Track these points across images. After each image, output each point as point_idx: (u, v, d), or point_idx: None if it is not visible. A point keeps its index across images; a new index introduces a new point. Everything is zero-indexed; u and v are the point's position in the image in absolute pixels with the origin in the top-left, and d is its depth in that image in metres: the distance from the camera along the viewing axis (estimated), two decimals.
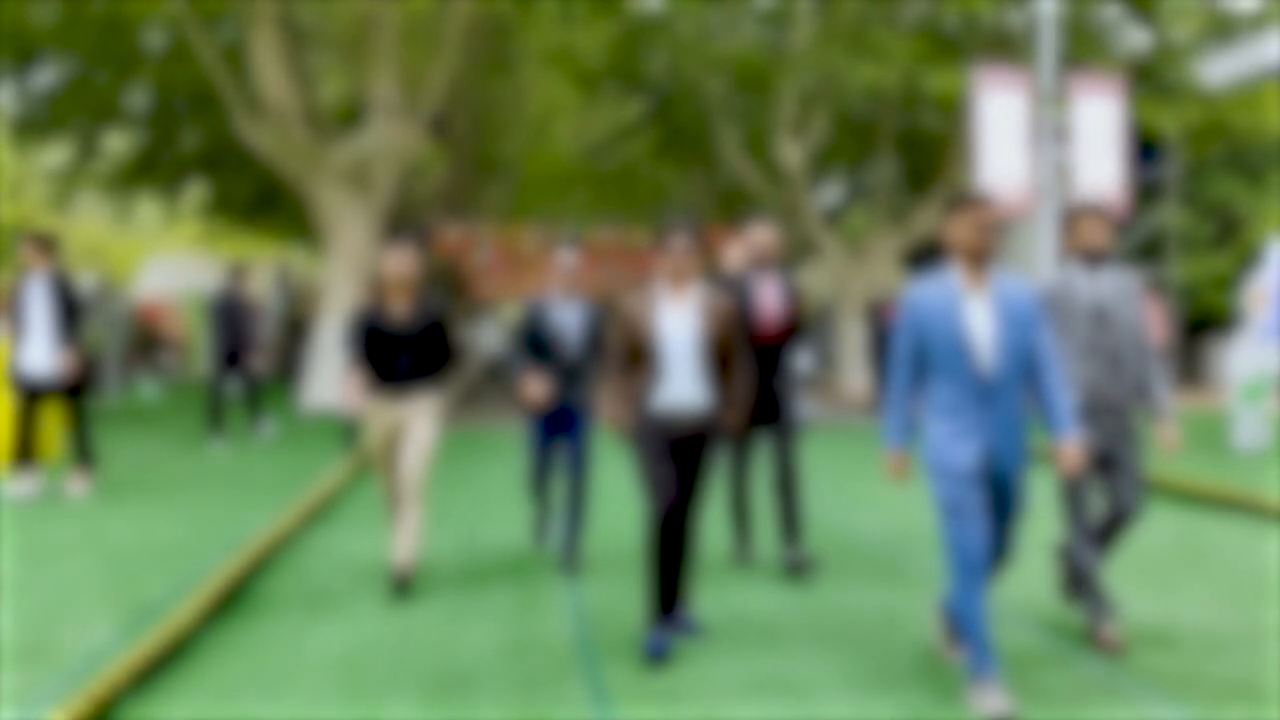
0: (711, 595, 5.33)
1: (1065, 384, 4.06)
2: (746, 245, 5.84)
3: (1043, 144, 13.09)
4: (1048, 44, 12.71)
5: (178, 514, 7.35)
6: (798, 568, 5.68)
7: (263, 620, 4.95)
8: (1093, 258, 4.60)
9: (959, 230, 3.89)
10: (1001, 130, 12.56)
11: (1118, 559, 6.13)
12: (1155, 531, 6.93)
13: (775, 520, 6.00)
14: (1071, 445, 3.98)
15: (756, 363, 5.72)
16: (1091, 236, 4.59)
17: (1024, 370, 3.91)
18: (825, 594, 5.39)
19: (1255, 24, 18.62)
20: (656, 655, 4.28)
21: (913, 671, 4.21)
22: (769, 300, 5.73)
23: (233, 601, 5.21)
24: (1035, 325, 3.93)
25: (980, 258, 3.87)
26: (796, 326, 5.87)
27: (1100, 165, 12.91)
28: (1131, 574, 5.78)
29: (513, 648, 4.53)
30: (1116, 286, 4.60)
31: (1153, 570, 5.85)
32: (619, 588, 5.54)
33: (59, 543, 6.39)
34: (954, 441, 3.87)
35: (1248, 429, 10.48)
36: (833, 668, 4.26)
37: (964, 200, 3.91)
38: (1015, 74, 12.85)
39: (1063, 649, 4.49)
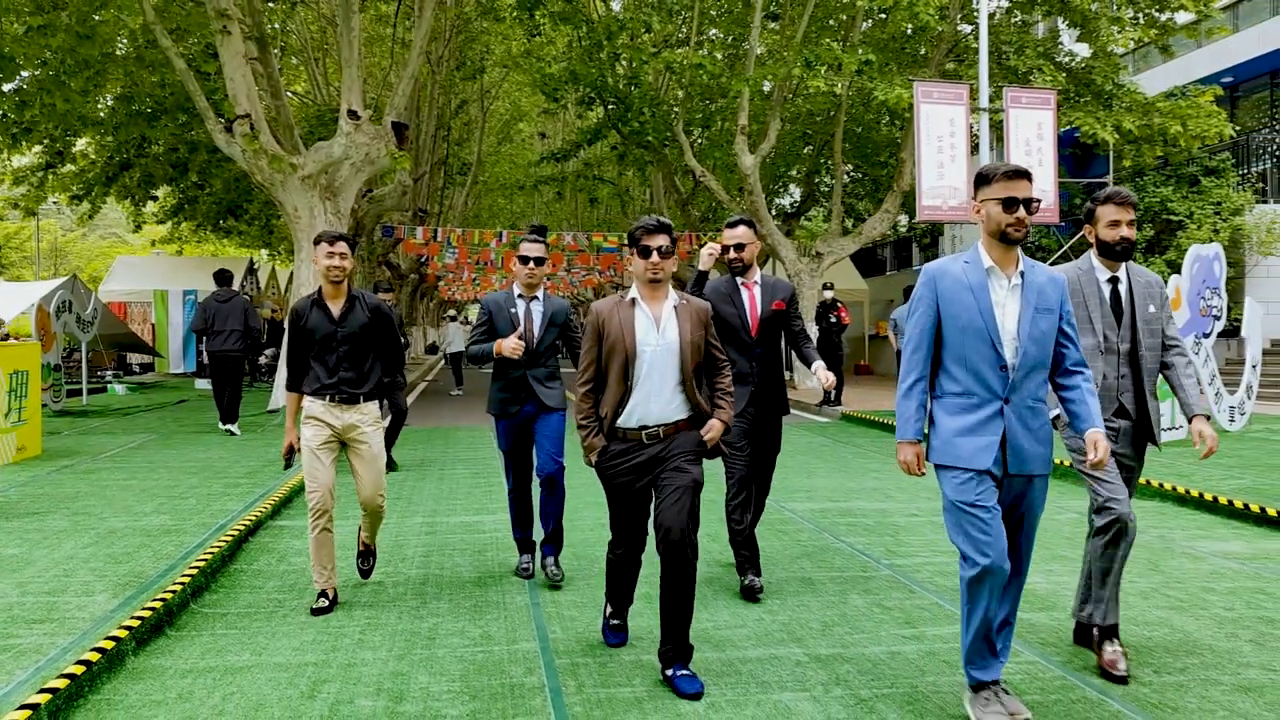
0: (647, 567, 5.91)
1: (1089, 380, 3.70)
2: (723, 245, 5.54)
3: (982, 154, 13.84)
4: (984, 60, 13.43)
5: (160, 502, 7.85)
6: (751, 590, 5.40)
7: (246, 592, 5.49)
8: (1114, 251, 4.23)
9: (987, 207, 3.59)
10: (941, 140, 13.26)
11: None
12: (1057, 512, 7.61)
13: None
14: (1101, 436, 3.62)
15: (744, 363, 5.42)
16: (1113, 227, 4.21)
17: (1046, 364, 3.63)
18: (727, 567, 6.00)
19: (1192, 34, 19.51)
20: (615, 645, 4.47)
21: (821, 626, 4.82)
22: (752, 300, 5.48)
23: (218, 577, 5.74)
24: (1064, 316, 3.65)
25: (1010, 237, 3.55)
26: (783, 325, 5.61)
27: (1036, 174, 13.62)
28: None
29: (471, 613, 5.10)
30: (1136, 283, 4.27)
31: (1050, 546, 6.51)
32: (569, 562, 6.11)
33: (53, 528, 6.89)
34: (968, 436, 3.57)
35: (1164, 421, 11.23)
36: (751, 623, 4.88)
37: (994, 175, 3.60)
38: (953, 87, 13.56)
39: (952, 606, 5.13)
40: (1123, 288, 4.23)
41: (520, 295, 5.66)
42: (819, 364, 5.54)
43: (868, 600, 5.31)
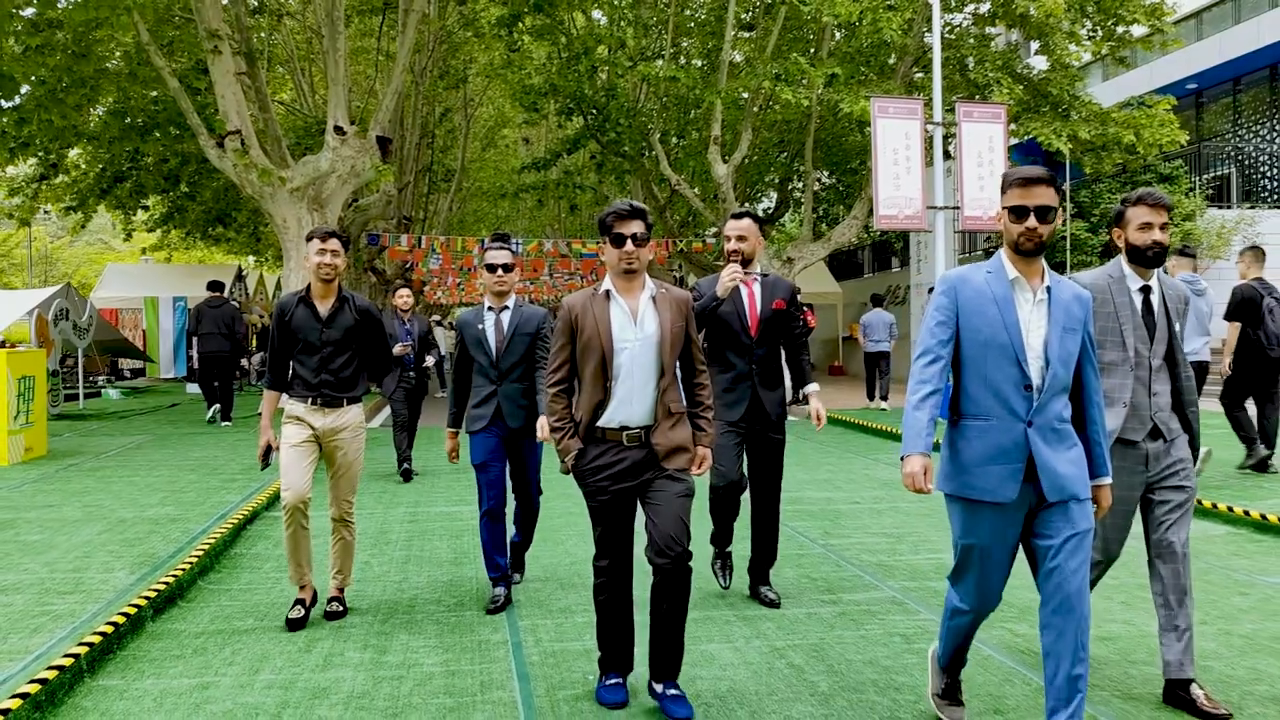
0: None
1: (1105, 418, 3.51)
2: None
3: (936, 165, 14.61)
4: (938, 79, 14.19)
5: (164, 495, 8.52)
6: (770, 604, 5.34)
7: (246, 572, 6.18)
8: (1145, 257, 3.90)
9: (1008, 215, 3.34)
10: (896, 153, 14.01)
11: (945, 528, 7.51)
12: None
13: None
14: (1105, 491, 3.45)
15: (743, 365, 5.18)
16: (1145, 230, 3.89)
17: (1069, 387, 3.35)
18: (700, 550, 6.69)
19: (1147, 46, 20.29)
20: (609, 705, 3.92)
21: (751, 598, 5.54)
22: (751, 298, 5.20)
23: (220, 559, 6.43)
24: (1087, 336, 3.38)
25: (1021, 248, 3.30)
26: (783, 326, 5.30)
27: (986, 185, 14.40)
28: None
29: (447, 587, 5.80)
30: (1167, 294, 3.98)
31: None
32: (536, 544, 6.80)
33: (68, 517, 7.56)
34: (990, 465, 3.30)
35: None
36: (693, 595, 5.57)
37: (1009, 181, 3.36)
38: (908, 102, 14.32)
39: (872, 578, 5.85)
40: (1155, 298, 3.93)
41: (490, 308, 5.41)
42: (814, 389, 5.40)
43: (798, 573, 6.03)
